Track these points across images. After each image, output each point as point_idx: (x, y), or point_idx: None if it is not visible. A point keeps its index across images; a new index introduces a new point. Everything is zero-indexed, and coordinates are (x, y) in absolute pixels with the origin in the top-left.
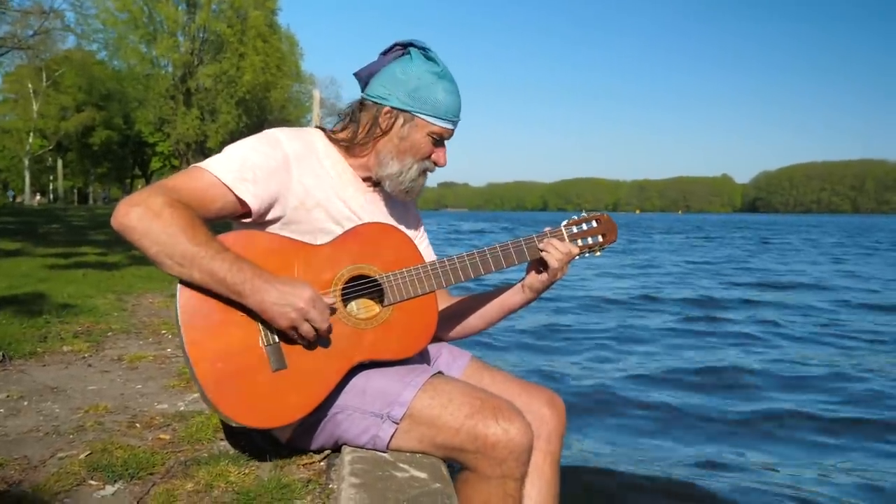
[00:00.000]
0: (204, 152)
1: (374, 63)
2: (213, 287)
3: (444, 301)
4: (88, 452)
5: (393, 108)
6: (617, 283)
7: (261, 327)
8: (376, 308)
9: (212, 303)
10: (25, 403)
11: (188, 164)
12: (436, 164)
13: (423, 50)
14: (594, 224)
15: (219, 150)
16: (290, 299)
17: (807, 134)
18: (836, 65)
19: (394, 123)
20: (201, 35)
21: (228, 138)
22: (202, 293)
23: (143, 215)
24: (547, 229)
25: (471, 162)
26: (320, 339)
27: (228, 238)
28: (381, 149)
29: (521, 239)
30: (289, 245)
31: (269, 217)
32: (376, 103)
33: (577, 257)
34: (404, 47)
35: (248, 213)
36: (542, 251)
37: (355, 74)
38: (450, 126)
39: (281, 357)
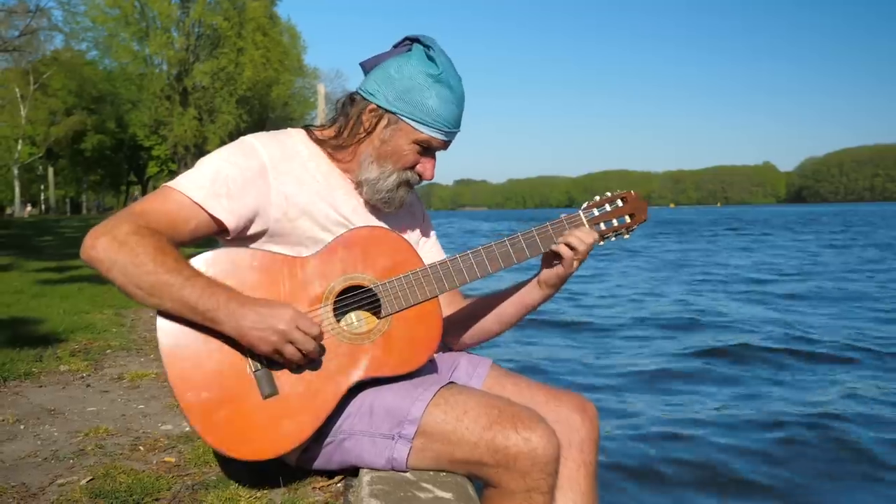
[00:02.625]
0: (203, 155)
1: (382, 55)
2: (187, 315)
3: (455, 304)
4: (90, 478)
5: (379, 106)
6: None
7: (247, 353)
8: (374, 320)
9: (193, 330)
10: (22, 427)
11: (187, 168)
12: (420, 176)
13: (428, 48)
14: (619, 203)
15: None
16: (269, 322)
17: (856, 115)
18: (884, 39)
19: (377, 124)
20: (196, 30)
21: (228, 139)
22: (182, 321)
23: (108, 246)
24: (563, 215)
25: (489, 157)
26: (311, 361)
27: (205, 259)
28: (362, 150)
29: (534, 229)
30: (272, 260)
31: (252, 232)
32: (364, 98)
33: (604, 241)
34: (412, 42)
35: (226, 231)
36: (557, 242)
37: (361, 64)
38: (438, 136)
39: (271, 382)
